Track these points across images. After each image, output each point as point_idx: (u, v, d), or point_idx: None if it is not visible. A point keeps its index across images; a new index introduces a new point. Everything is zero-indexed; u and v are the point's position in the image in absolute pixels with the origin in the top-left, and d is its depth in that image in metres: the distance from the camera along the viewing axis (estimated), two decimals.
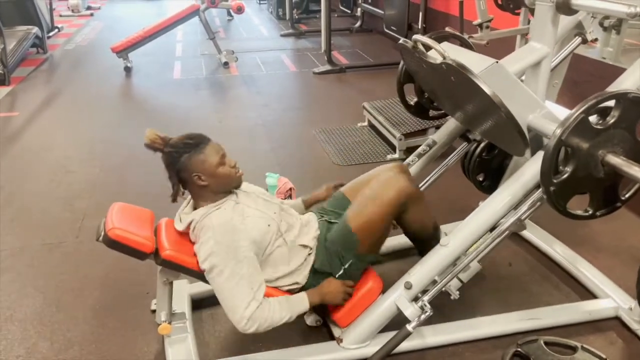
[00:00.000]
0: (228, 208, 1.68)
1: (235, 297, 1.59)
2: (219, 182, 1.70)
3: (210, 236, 1.61)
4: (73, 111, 4.56)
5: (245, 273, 1.59)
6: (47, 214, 2.85)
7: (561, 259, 2.30)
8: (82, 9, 9.49)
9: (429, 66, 1.76)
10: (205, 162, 1.66)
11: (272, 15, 9.16)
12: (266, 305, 1.62)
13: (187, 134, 1.70)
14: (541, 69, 1.81)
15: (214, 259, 1.60)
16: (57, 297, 2.19)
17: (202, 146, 1.67)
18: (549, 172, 1.48)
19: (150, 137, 1.68)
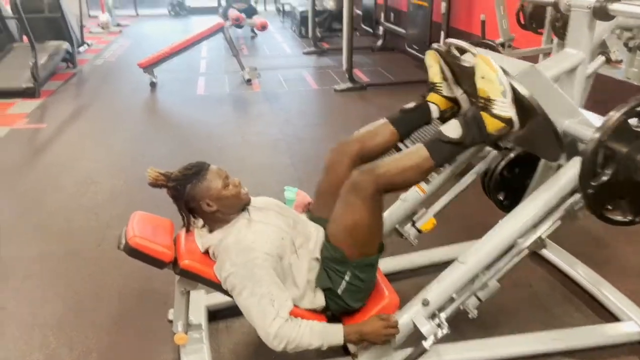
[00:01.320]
0: (242, 227, 1.69)
1: (259, 315, 1.58)
2: (226, 204, 1.70)
3: (226, 258, 1.63)
4: (100, 124, 4.68)
5: (265, 291, 1.59)
6: (71, 222, 2.91)
7: (583, 280, 2.25)
8: (112, 26, 9.76)
9: (462, 69, 1.76)
10: (209, 188, 1.68)
11: (295, 33, 9.29)
12: (294, 326, 1.59)
13: (186, 165, 1.72)
14: (576, 75, 1.80)
15: (233, 279, 1.61)
16: (77, 304, 2.23)
17: (203, 173, 1.69)
18: (588, 175, 1.47)
19: (152, 175, 1.73)
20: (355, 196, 1.68)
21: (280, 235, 1.70)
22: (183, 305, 1.85)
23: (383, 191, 1.70)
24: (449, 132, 1.66)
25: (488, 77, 1.58)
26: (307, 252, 1.77)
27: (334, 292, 1.76)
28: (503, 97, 1.57)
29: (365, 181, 1.67)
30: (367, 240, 1.74)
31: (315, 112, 5.15)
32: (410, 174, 1.69)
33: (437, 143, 1.68)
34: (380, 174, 1.67)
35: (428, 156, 1.66)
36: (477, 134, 1.63)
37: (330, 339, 1.65)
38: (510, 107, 1.58)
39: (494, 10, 3.92)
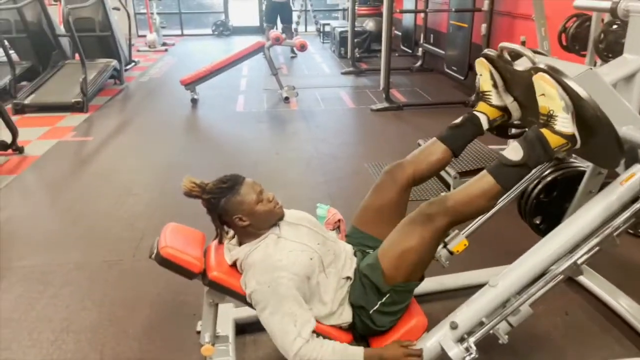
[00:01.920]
0: (270, 244, 1.71)
1: (280, 334, 1.59)
2: (260, 219, 1.73)
3: (252, 274, 1.66)
4: (142, 138, 4.83)
5: (287, 311, 1.60)
6: (109, 232, 3.00)
7: (624, 311, 2.16)
8: (158, 44, 10.12)
9: (514, 75, 1.75)
10: (243, 203, 1.70)
11: (334, 53, 9.39)
12: (316, 346, 1.59)
13: (221, 178, 1.75)
14: (635, 81, 1.77)
15: (257, 296, 1.64)
16: (111, 312, 2.29)
17: (237, 187, 1.71)
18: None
19: (187, 185, 1.75)
20: (423, 226, 1.69)
21: (309, 256, 1.70)
22: (211, 316, 1.87)
23: (454, 223, 1.74)
24: (511, 155, 1.65)
25: (548, 94, 1.57)
26: (336, 270, 1.77)
27: (365, 311, 1.75)
28: (565, 112, 1.56)
29: (437, 214, 1.70)
30: (418, 268, 1.74)
31: (351, 130, 5.18)
32: (480, 201, 1.70)
33: (500, 168, 1.68)
34: (450, 206, 1.70)
35: (494, 182, 1.66)
36: (541, 153, 1.62)
37: (350, 358, 1.64)
38: (571, 123, 1.57)
39: (535, 31, 3.86)
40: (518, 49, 1.75)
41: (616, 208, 1.68)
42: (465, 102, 5.66)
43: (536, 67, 1.65)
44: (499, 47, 1.86)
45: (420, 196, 3.41)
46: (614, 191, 1.69)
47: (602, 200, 1.70)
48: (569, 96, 1.58)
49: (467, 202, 1.72)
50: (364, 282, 1.76)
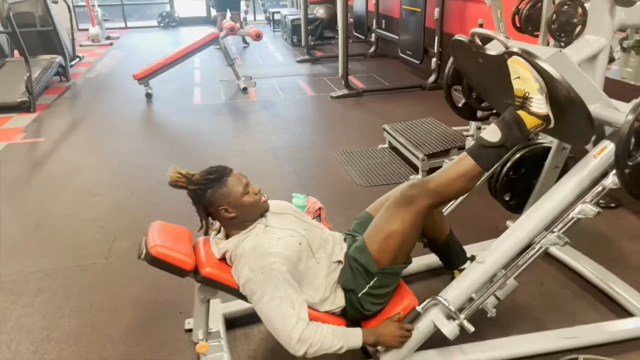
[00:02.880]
0: (259, 233, 1.71)
1: (280, 320, 1.59)
2: (246, 211, 1.73)
3: (244, 263, 1.64)
4: (97, 137, 4.65)
5: (283, 295, 1.60)
6: (77, 236, 2.89)
7: (595, 277, 2.28)
8: (102, 38, 9.72)
9: (486, 59, 1.79)
10: (229, 195, 1.70)
11: (286, 42, 9.33)
12: (317, 328, 1.61)
13: (208, 169, 1.74)
14: (598, 62, 1.85)
15: (251, 285, 1.62)
16: (92, 317, 2.22)
17: (225, 179, 1.71)
18: (623, 154, 1.53)
19: (172, 176, 1.72)
20: (406, 208, 1.72)
21: (298, 241, 1.72)
22: (203, 313, 1.85)
23: (436, 204, 1.78)
24: (489, 136, 1.70)
25: (523, 76, 1.63)
26: (327, 255, 1.79)
27: (354, 294, 1.78)
28: (539, 94, 1.62)
29: (418, 195, 1.73)
30: (403, 250, 1.78)
31: (314, 119, 5.17)
32: (460, 182, 1.74)
33: (480, 149, 1.72)
34: (432, 188, 1.74)
35: (474, 163, 1.71)
36: (518, 134, 1.68)
37: (350, 340, 1.67)
38: (545, 104, 1.64)
39: (488, 14, 3.97)
40: (491, 34, 1.81)
41: (590, 180, 1.77)
42: (422, 86, 5.76)
43: (510, 51, 1.70)
44: (471, 33, 1.90)
45: (388, 180, 3.47)
46: (587, 164, 1.78)
47: (577, 173, 1.79)
48: (542, 78, 1.65)
49: (449, 183, 1.77)
50: (352, 266, 1.79)
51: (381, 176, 3.54)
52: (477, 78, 2.15)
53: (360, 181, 3.47)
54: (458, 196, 1.80)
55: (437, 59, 5.65)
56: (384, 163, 3.78)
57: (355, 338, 1.69)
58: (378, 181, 3.47)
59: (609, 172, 1.76)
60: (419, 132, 3.79)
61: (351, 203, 3.17)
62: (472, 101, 2.37)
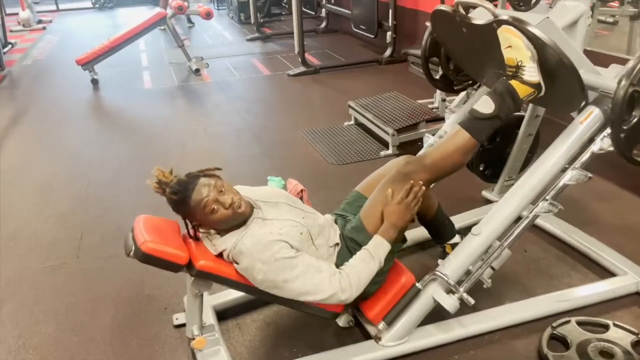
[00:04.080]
0: (257, 228, 1.63)
1: (314, 287, 1.56)
2: (219, 225, 1.64)
3: (253, 260, 1.57)
4: (45, 128, 4.36)
5: (304, 268, 1.57)
6: (40, 235, 2.70)
7: (573, 241, 2.35)
8: (33, 22, 9.09)
9: (472, 29, 1.77)
10: (195, 215, 1.61)
11: (233, 20, 9.06)
12: (349, 270, 1.61)
13: (173, 186, 1.59)
14: (578, 28, 1.87)
15: (270, 276, 1.56)
16: (70, 320, 2.08)
17: (186, 200, 1.57)
18: (619, 119, 1.56)
19: (152, 183, 1.64)
20: (402, 185, 1.69)
21: (299, 230, 1.66)
22: (197, 308, 1.77)
23: (432, 180, 1.77)
24: (483, 108, 1.69)
25: (515, 45, 1.62)
26: (324, 241, 1.75)
27: None
28: (532, 61, 1.61)
29: (414, 172, 1.71)
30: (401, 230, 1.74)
31: (274, 98, 5.05)
32: (456, 156, 1.73)
33: (474, 122, 1.71)
34: (428, 163, 1.72)
35: (469, 136, 1.70)
36: (511, 104, 1.67)
37: (380, 252, 1.67)
38: (537, 72, 1.64)
39: None
40: (478, 2, 1.78)
41: (578, 146, 1.80)
42: (379, 60, 5.74)
43: (499, 19, 1.69)
44: (455, 2, 1.87)
45: (360, 157, 3.44)
46: (574, 131, 1.81)
47: (565, 140, 1.81)
48: (533, 45, 1.64)
49: (444, 158, 1.77)
50: (350, 246, 1.76)
51: (352, 153, 3.51)
52: (458, 49, 2.13)
53: (331, 160, 3.43)
54: (454, 171, 1.79)
55: (392, 33, 5.63)
56: (352, 140, 3.74)
57: (382, 247, 1.68)
58: (349, 159, 3.43)
59: (595, 137, 1.80)
60: (385, 107, 3.77)
61: (326, 182, 3.12)
62: (450, 73, 2.36)
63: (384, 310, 1.80)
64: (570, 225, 2.43)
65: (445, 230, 2.16)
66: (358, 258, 1.65)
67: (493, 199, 2.75)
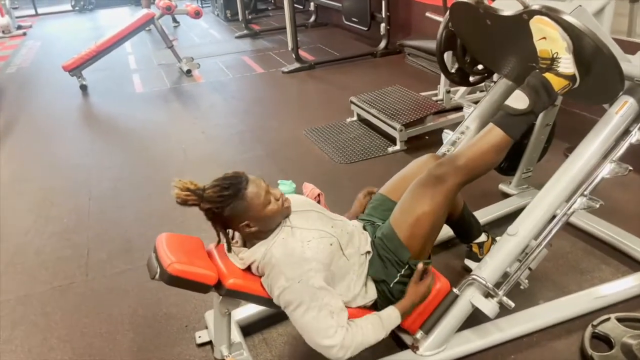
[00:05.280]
0: (287, 237, 1.54)
1: (319, 330, 1.46)
2: (269, 222, 1.55)
3: (279, 272, 1.48)
4: (37, 139, 4.20)
5: (322, 303, 1.47)
6: (44, 254, 2.58)
7: (599, 232, 2.30)
8: (13, 29, 8.85)
9: (498, 21, 1.69)
10: (250, 209, 1.49)
11: (219, 17, 8.89)
12: (357, 330, 1.50)
13: (220, 182, 1.49)
14: (605, 14, 1.80)
15: (288, 296, 1.48)
16: (87, 345, 1.97)
17: (243, 192, 1.48)
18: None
19: (180, 194, 1.46)
20: (435, 188, 1.61)
21: (329, 241, 1.57)
22: (225, 327, 1.68)
23: (465, 182, 1.68)
24: (516, 104, 1.61)
25: (550, 36, 1.54)
26: (355, 250, 1.67)
27: (386, 284, 1.68)
28: (568, 52, 1.54)
29: (447, 174, 1.63)
30: (434, 233, 1.68)
31: (271, 97, 4.92)
32: (490, 155, 1.66)
33: (507, 118, 1.63)
34: (461, 164, 1.64)
35: (503, 134, 1.62)
36: (546, 98, 1.60)
37: (390, 324, 1.59)
38: (572, 63, 1.57)
39: None
40: None
41: (614, 137, 1.73)
42: (374, 53, 5.65)
43: (531, 9, 1.61)
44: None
45: (366, 155, 3.36)
46: (609, 121, 1.74)
47: (600, 132, 1.74)
48: (568, 35, 1.56)
49: (478, 157, 1.69)
50: (381, 255, 1.68)
51: (358, 151, 3.42)
52: (479, 41, 2.05)
53: (338, 159, 3.34)
54: (487, 171, 1.71)
55: (386, 24, 5.53)
56: (357, 137, 3.65)
57: (395, 320, 1.61)
58: (356, 157, 3.34)
59: (631, 128, 1.74)
60: (389, 101, 3.69)
61: (335, 182, 3.04)
62: (466, 66, 2.28)
63: (421, 318, 1.73)
64: (593, 215, 2.37)
65: (471, 229, 2.09)
66: (369, 322, 1.55)
67: (511, 193, 2.68)
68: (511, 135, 1.65)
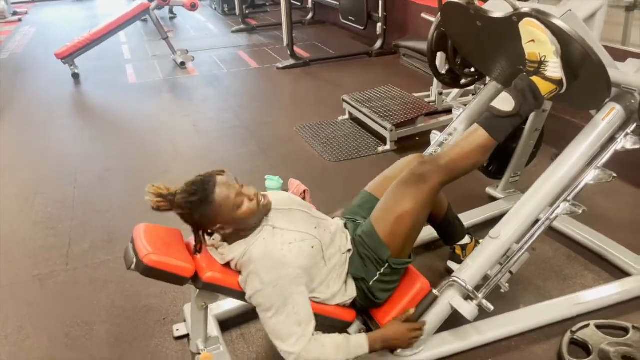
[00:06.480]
0: (267, 238, 1.52)
1: (282, 334, 1.46)
2: (244, 223, 1.52)
3: (255, 274, 1.47)
4: (28, 126, 4.16)
5: (291, 311, 1.46)
6: (27, 242, 2.55)
7: (583, 239, 2.30)
8: (8, 14, 8.77)
9: (488, 22, 1.68)
10: (220, 213, 1.46)
11: (217, 11, 8.85)
12: (318, 346, 1.48)
13: (189, 188, 1.47)
14: (596, 20, 1.80)
15: (260, 298, 1.47)
16: (64, 335, 1.95)
17: (211, 198, 1.45)
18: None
19: (153, 201, 1.47)
20: (417, 187, 1.60)
21: (311, 244, 1.56)
22: (202, 321, 1.67)
23: (447, 181, 1.66)
24: (502, 106, 1.60)
25: (539, 39, 1.53)
26: (336, 250, 1.66)
27: (365, 282, 1.67)
28: (556, 57, 1.53)
29: (430, 172, 1.61)
30: (414, 232, 1.66)
31: (264, 92, 4.89)
32: (474, 156, 1.65)
33: (492, 120, 1.62)
34: (444, 164, 1.63)
35: (487, 135, 1.61)
36: (532, 101, 1.60)
37: (355, 351, 1.57)
38: (560, 68, 1.56)
39: None
40: None
41: (599, 144, 1.73)
42: (369, 53, 5.64)
43: (520, 12, 1.60)
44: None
45: (356, 154, 3.34)
46: (595, 128, 1.74)
47: (586, 138, 1.74)
48: (558, 39, 1.56)
49: (461, 158, 1.68)
50: (361, 253, 1.68)
51: (348, 150, 3.41)
52: (469, 43, 2.04)
53: (328, 157, 3.32)
54: (471, 171, 1.70)
55: (382, 24, 5.52)
56: (347, 135, 3.64)
57: (360, 349, 1.58)
58: (346, 155, 3.33)
59: (617, 135, 1.74)
60: (381, 101, 3.68)
61: (324, 181, 3.02)
62: (457, 67, 2.27)
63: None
64: (577, 222, 2.37)
65: (455, 231, 2.09)
66: (334, 342, 1.52)
67: (498, 196, 2.68)
68: (495, 136, 1.64)
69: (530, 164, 2.64)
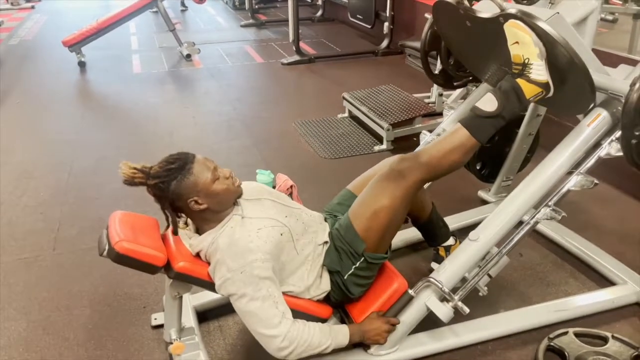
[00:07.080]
0: (235, 227, 1.52)
1: (262, 320, 1.45)
2: (218, 199, 1.52)
3: (221, 262, 1.46)
4: (30, 111, 4.20)
5: (265, 294, 1.45)
6: (16, 225, 2.58)
7: (571, 246, 2.27)
8: (22, 1, 8.88)
9: (476, 23, 1.66)
10: (197, 183, 1.47)
11: (227, 5, 8.87)
12: (303, 326, 1.49)
13: (167, 158, 1.50)
14: (587, 25, 1.77)
15: (230, 287, 1.46)
16: (43, 318, 1.97)
17: (189, 166, 1.47)
18: (631, 123, 1.47)
19: (126, 172, 1.48)
20: (396, 183, 1.59)
21: (280, 231, 1.55)
22: (175, 310, 1.66)
23: (428, 179, 1.66)
24: (485, 106, 1.59)
25: (523, 41, 1.51)
26: (309, 240, 1.65)
27: (340, 276, 1.67)
28: (540, 59, 1.51)
29: (409, 169, 1.60)
30: (391, 228, 1.65)
31: (266, 87, 4.90)
32: (454, 156, 1.62)
33: (475, 120, 1.61)
34: (424, 161, 1.62)
35: (469, 135, 1.59)
36: (516, 103, 1.57)
37: (338, 339, 1.58)
38: (545, 70, 1.54)
39: None
40: None
41: (584, 150, 1.70)
42: (375, 52, 5.62)
43: (506, 13, 1.58)
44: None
45: (352, 152, 3.33)
46: (580, 133, 1.71)
47: (571, 143, 1.71)
48: (542, 42, 1.54)
49: (442, 156, 1.66)
50: (337, 246, 1.67)
51: (344, 147, 3.40)
52: (460, 43, 2.02)
53: (323, 154, 3.32)
54: (451, 170, 1.68)
55: (389, 24, 5.50)
56: (345, 133, 3.63)
57: (343, 336, 1.59)
58: (342, 153, 3.32)
59: (602, 141, 1.71)
60: (381, 100, 3.66)
61: (317, 177, 3.02)
62: (450, 68, 2.25)
63: None
64: (567, 229, 2.34)
65: (439, 232, 2.07)
66: (317, 325, 1.53)
67: (489, 200, 2.66)
68: (476, 136, 1.61)
69: (524, 169, 2.61)
